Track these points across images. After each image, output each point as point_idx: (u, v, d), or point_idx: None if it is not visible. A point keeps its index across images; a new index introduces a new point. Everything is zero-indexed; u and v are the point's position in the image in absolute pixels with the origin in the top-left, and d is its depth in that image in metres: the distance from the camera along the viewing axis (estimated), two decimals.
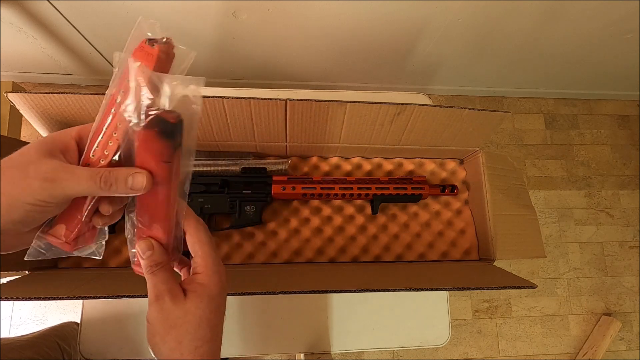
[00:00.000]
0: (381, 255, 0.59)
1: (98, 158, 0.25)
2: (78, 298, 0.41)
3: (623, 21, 0.98)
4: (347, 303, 0.62)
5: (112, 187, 0.24)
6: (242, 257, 0.57)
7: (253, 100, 0.47)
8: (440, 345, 0.61)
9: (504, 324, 1.28)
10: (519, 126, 1.46)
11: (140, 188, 0.24)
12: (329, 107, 0.50)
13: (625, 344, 1.31)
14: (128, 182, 0.24)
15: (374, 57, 1.12)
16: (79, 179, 0.23)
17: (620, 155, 1.48)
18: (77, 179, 0.23)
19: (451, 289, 0.46)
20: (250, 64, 1.12)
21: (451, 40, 1.04)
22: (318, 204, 0.60)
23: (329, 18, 0.90)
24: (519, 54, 1.14)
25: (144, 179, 0.24)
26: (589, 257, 1.37)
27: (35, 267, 0.50)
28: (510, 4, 0.89)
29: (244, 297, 0.60)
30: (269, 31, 0.95)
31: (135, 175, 0.24)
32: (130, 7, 0.84)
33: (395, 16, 0.91)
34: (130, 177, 0.24)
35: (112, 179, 0.24)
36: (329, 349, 0.59)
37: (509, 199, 0.57)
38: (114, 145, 0.25)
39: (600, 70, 1.28)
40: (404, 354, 1.21)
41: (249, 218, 0.56)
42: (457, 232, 0.61)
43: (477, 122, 0.54)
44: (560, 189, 1.41)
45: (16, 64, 1.10)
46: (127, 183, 0.24)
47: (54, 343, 0.61)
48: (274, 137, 0.55)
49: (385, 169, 0.64)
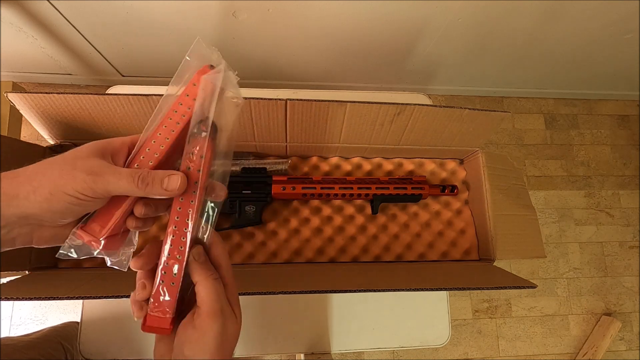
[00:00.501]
0: (381, 255, 0.59)
1: (147, 160, 0.27)
2: (78, 298, 0.41)
3: (623, 21, 0.98)
4: (347, 303, 0.62)
5: (149, 186, 0.25)
6: (242, 257, 0.57)
7: (253, 100, 0.47)
8: (440, 345, 0.61)
9: (504, 324, 1.28)
10: (519, 126, 1.46)
11: (174, 189, 0.25)
12: (329, 107, 0.50)
13: (625, 344, 1.31)
14: (164, 183, 0.25)
15: (374, 57, 1.12)
16: (120, 176, 0.24)
17: (620, 155, 1.48)
18: (118, 176, 0.24)
19: (451, 289, 0.46)
20: (250, 64, 1.12)
21: (451, 40, 1.04)
22: (318, 204, 0.60)
23: (329, 18, 0.90)
24: (519, 54, 1.14)
25: (178, 179, 0.25)
26: (589, 257, 1.37)
27: (35, 267, 0.50)
28: (510, 4, 0.89)
29: (244, 297, 0.60)
30: (269, 31, 0.95)
31: (171, 177, 0.25)
32: (130, 7, 0.83)
33: (395, 16, 0.91)
34: (167, 178, 0.25)
35: (149, 179, 0.25)
36: (329, 349, 0.59)
37: (509, 199, 0.57)
38: (165, 148, 0.27)
39: (600, 70, 1.28)
40: (404, 354, 1.21)
41: (249, 218, 0.56)
42: (457, 232, 0.61)
43: (477, 122, 0.54)
44: (560, 189, 1.41)
45: (16, 64, 1.10)
46: (162, 183, 0.25)
47: (57, 343, 0.62)
48: (274, 137, 0.55)
49: (385, 169, 0.64)
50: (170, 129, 0.27)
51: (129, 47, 1.01)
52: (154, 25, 0.90)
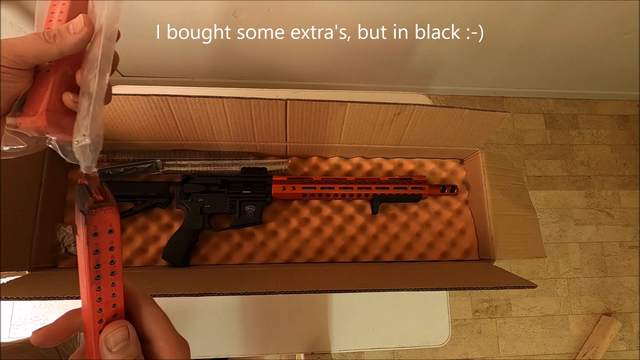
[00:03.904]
0: (381, 255, 0.59)
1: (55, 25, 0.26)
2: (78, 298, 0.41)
3: (623, 21, 0.98)
4: (347, 303, 0.62)
5: (57, 37, 0.24)
6: (242, 257, 0.57)
7: (253, 100, 0.47)
8: (440, 345, 0.61)
9: (504, 324, 1.28)
10: (519, 126, 1.46)
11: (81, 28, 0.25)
12: (329, 107, 0.50)
13: (625, 344, 1.31)
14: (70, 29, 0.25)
15: (374, 57, 1.12)
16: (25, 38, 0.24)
17: (620, 155, 1.47)
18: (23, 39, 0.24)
19: (451, 289, 0.46)
20: (250, 64, 1.12)
21: (451, 40, 1.04)
22: (318, 204, 0.60)
23: (329, 18, 0.90)
24: (519, 54, 1.14)
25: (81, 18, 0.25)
26: (589, 257, 1.37)
27: (35, 267, 0.50)
28: (510, 4, 0.89)
29: (244, 297, 0.60)
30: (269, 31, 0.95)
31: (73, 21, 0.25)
32: (131, 7, 0.83)
33: (396, 16, 0.91)
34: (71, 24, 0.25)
35: (54, 31, 0.24)
36: (329, 349, 0.59)
37: (509, 199, 0.57)
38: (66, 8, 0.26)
39: (600, 70, 1.28)
40: (404, 354, 1.21)
41: (249, 218, 0.56)
42: (457, 232, 0.61)
43: (477, 122, 0.54)
44: (560, 189, 1.41)
45: None
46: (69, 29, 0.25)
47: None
48: (274, 137, 0.55)
49: (385, 169, 0.64)
50: None
51: (129, 48, 1.01)
52: (154, 25, 0.90)
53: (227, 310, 0.60)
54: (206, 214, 0.55)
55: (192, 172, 0.56)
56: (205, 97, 0.47)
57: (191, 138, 0.54)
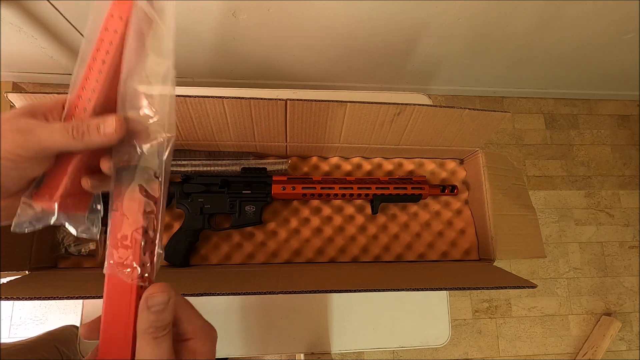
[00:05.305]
0: (381, 255, 0.59)
1: (82, 108, 0.25)
2: (78, 298, 0.41)
3: (623, 21, 0.98)
4: (347, 303, 0.62)
5: (85, 135, 0.23)
6: (242, 257, 0.57)
7: (253, 100, 0.47)
8: (440, 345, 0.61)
9: (504, 324, 1.28)
10: (519, 126, 1.46)
11: (111, 132, 0.23)
12: (329, 107, 0.50)
13: (625, 344, 1.31)
14: (100, 129, 0.23)
15: (374, 57, 1.12)
16: (52, 130, 0.23)
17: (620, 155, 1.48)
18: (50, 130, 0.23)
19: (451, 289, 0.46)
20: (250, 64, 1.12)
21: (451, 41, 1.04)
22: (318, 204, 0.60)
23: (329, 18, 0.90)
24: (519, 54, 1.14)
25: (113, 122, 0.23)
26: (589, 257, 1.37)
27: (35, 267, 0.50)
28: (510, 4, 0.89)
29: (244, 297, 0.60)
30: (269, 31, 0.95)
31: (106, 120, 0.23)
32: None
33: (395, 16, 0.91)
34: (102, 123, 0.23)
35: (84, 127, 0.23)
36: (329, 349, 0.59)
37: (509, 199, 0.57)
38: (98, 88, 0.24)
39: (600, 70, 1.28)
40: (404, 354, 1.21)
41: (249, 218, 0.56)
42: (457, 232, 0.61)
43: (477, 122, 0.54)
44: (560, 189, 1.41)
45: (16, 64, 1.10)
46: (99, 129, 0.23)
47: (53, 347, 0.61)
48: (274, 137, 0.55)
49: (385, 169, 0.64)
50: (98, 69, 0.24)
51: None
52: None
53: (227, 310, 0.60)
54: (206, 214, 0.55)
55: (192, 172, 0.56)
56: (205, 97, 0.47)
57: (191, 138, 0.54)
